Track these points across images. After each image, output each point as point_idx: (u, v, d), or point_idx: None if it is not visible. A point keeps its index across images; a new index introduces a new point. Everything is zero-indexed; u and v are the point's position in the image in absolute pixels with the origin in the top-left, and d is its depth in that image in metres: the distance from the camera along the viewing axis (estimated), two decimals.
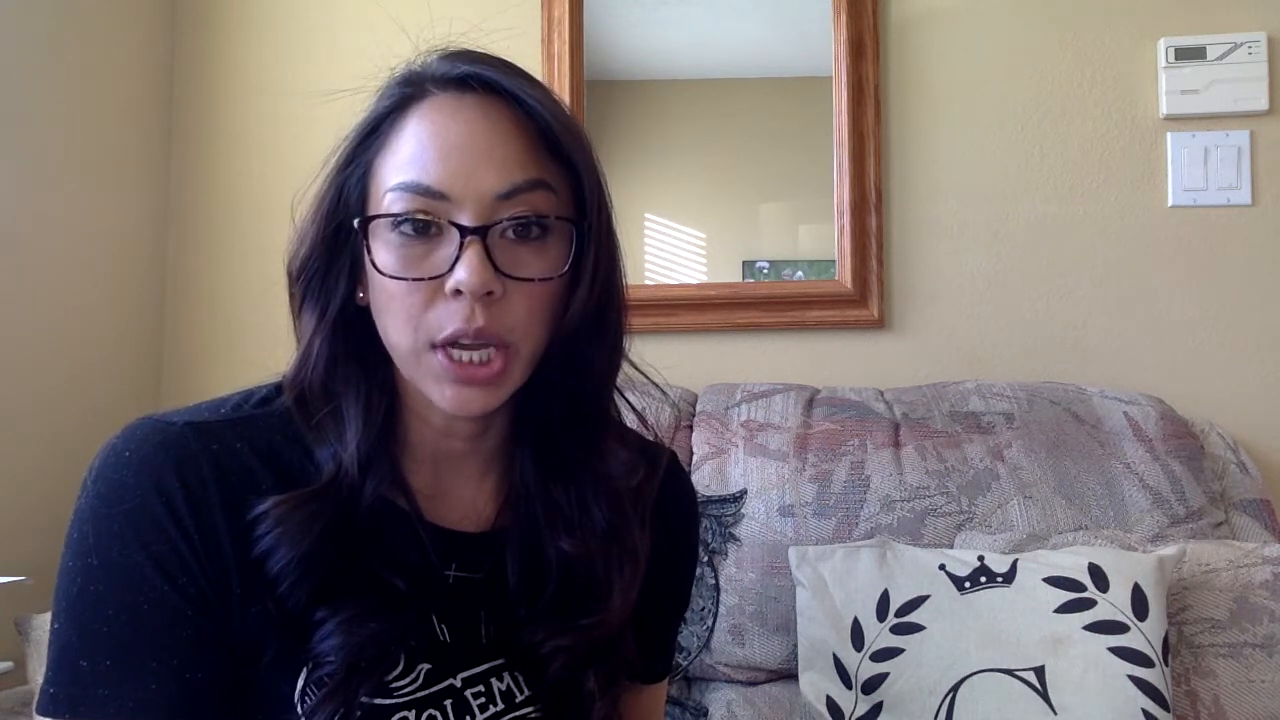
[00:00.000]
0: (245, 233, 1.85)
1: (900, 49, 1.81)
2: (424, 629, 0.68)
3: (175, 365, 1.86)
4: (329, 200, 0.68)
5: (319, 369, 0.67)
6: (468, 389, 0.64)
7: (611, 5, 1.84)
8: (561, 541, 0.70)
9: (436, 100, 0.66)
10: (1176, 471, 1.44)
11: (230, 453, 0.64)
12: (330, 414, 0.67)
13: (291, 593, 0.62)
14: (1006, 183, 1.78)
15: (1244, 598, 1.27)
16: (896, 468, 1.45)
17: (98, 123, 1.72)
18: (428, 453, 0.72)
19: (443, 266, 0.63)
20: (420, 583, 0.67)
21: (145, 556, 0.60)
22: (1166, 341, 1.73)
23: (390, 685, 0.65)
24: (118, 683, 0.60)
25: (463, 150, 0.64)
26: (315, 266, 0.68)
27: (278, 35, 1.89)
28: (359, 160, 0.68)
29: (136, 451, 0.63)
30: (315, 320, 0.68)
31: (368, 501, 0.65)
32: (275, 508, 0.62)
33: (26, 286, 1.54)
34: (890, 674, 1.22)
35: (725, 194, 1.88)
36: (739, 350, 1.80)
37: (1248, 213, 1.73)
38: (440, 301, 0.63)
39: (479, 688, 0.69)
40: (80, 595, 0.61)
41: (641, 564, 0.72)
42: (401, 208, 0.64)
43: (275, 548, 0.62)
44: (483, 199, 0.63)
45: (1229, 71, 1.72)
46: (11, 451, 1.49)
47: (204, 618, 0.62)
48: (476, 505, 0.74)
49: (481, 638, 0.70)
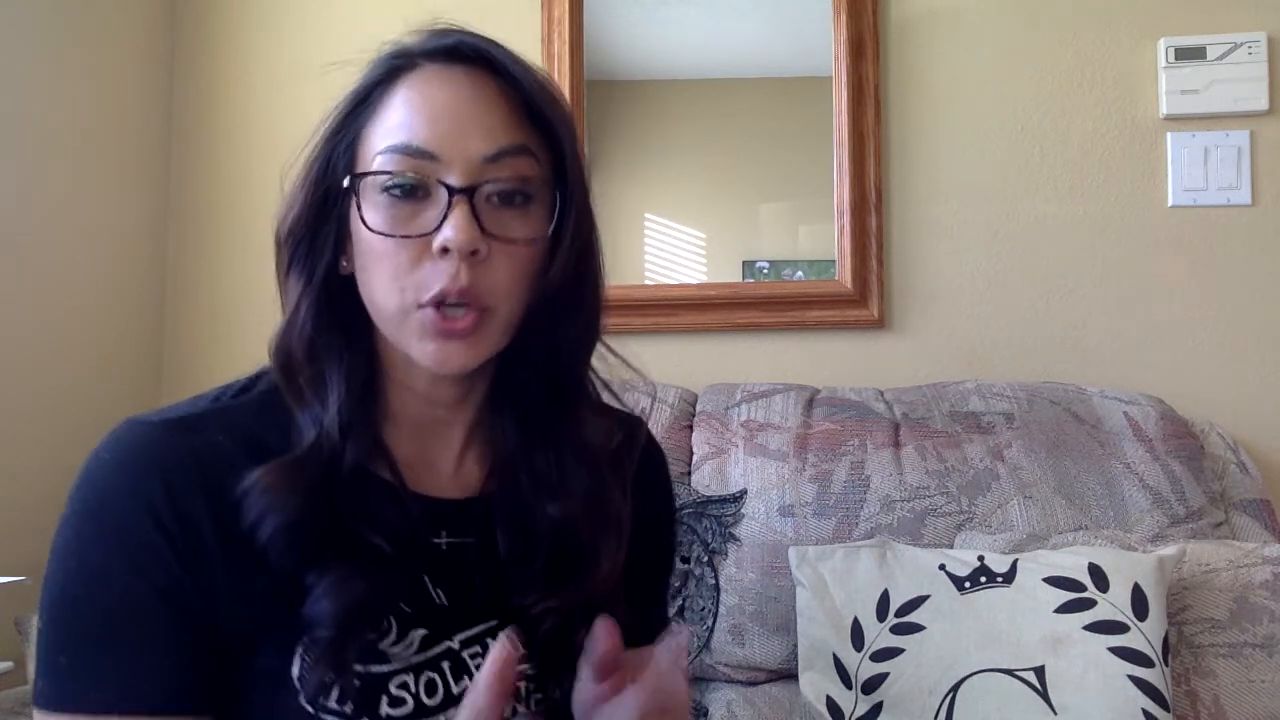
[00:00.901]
0: (245, 233, 1.84)
1: (900, 49, 1.81)
2: (419, 594, 0.69)
3: (175, 365, 1.86)
4: (318, 166, 0.69)
5: (305, 332, 0.68)
6: (449, 343, 0.65)
7: (611, 5, 1.84)
8: (548, 506, 0.72)
9: (425, 70, 0.68)
10: (1176, 471, 1.44)
11: (210, 444, 0.65)
12: (313, 379, 0.68)
13: (281, 561, 0.63)
14: (1006, 183, 1.78)
15: (1244, 598, 1.27)
16: (896, 468, 1.45)
17: (98, 123, 1.72)
18: (411, 422, 0.73)
19: (430, 225, 0.64)
20: (408, 548, 0.68)
21: (123, 557, 0.62)
22: (1166, 341, 1.73)
23: (386, 652, 0.66)
24: (96, 677, 0.61)
25: (451, 114, 0.66)
26: (302, 231, 0.69)
27: (278, 35, 1.89)
28: (348, 128, 0.69)
29: (115, 454, 0.64)
30: (302, 284, 0.69)
31: (349, 464, 0.66)
32: (261, 478, 0.64)
33: (26, 286, 1.54)
34: (890, 674, 1.22)
35: (725, 194, 1.88)
36: (739, 350, 1.80)
37: (1248, 213, 1.73)
38: (427, 260, 0.65)
39: (476, 648, 0.70)
40: (61, 595, 0.62)
41: (626, 529, 0.74)
42: (391, 168, 0.65)
43: (263, 516, 0.63)
44: (470, 161, 0.65)
45: (1229, 71, 1.72)
46: (11, 451, 1.49)
47: (184, 613, 0.63)
48: (462, 473, 0.75)
49: (476, 600, 0.71)
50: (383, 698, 0.65)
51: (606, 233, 0.75)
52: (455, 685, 0.68)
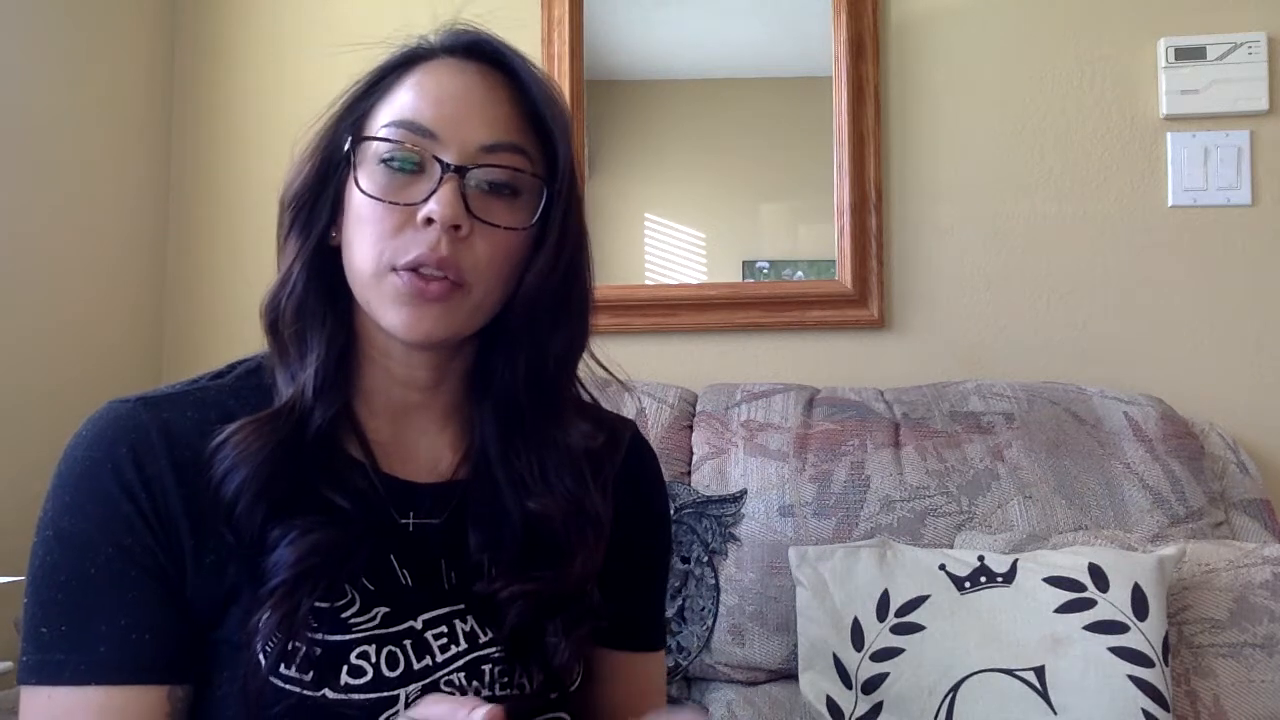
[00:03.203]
0: (245, 233, 1.84)
1: (900, 49, 1.81)
2: (384, 572, 0.70)
3: (175, 365, 1.85)
4: (326, 138, 0.72)
5: (295, 292, 0.71)
6: (419, 307, 0.67)
7: (611, 5, 1.84)
8: (526, 502, 0.73)
9: (440, 61, 0.72)
10: (1176, 471, 1.44)
11: (180, 419, 0.67)
12: (295, 336, 0.70)
13: (249, 514, 0.64)
14: (1006, 183, 1.78)
15: (1244, 598, 1.27)
16: (896, 468, 1.45)
17: (98, 123, 1.72)
18: (385, 403, 0.74)
19: (419, 197, 0.67)
20: (375, 523, 0.70)
21: (94, 524, 0.64)
22: (1166, 341, 1.73)
23: (348, 622, 0.67)
24: (71, 647, 0.62)
25: (457, 101, 0.69)
26: (305, 198, 0.72)
27: (278, 35, 1.89)
28: (359, 106, 0.72)
29: (92, 429, 0.67)
30: (298, 247, 0.72)
31: (318, 424, 0.68)
32: (234, 433, 0.66)
33: (26, 286, 1.54)
34: (890, 674, 1.22)
35: (725, 194, 1.88)
36: (739, 350, 1.80)
37: (1248, 213, 1.72)
38: (410, 229, 0.67)
39: (441, 629, 0.70)
40: (40, 566, 0.64)
41: (605, 529, 0.75)
42: (392, 138, 0.68)
43: (234, 467, 0.65)
44: (467, 145, 0.68)
45: (1229, 71, 1.72)
46: (10, 451, 1.49)
47: (154, 581, 0.64)
48: (434, 458, 0.76)
49: (444, 584, 0.72)
50: (343, 667, 0.65)
51: (606, 232, 0.77)
52: (417, 662, 0.68)
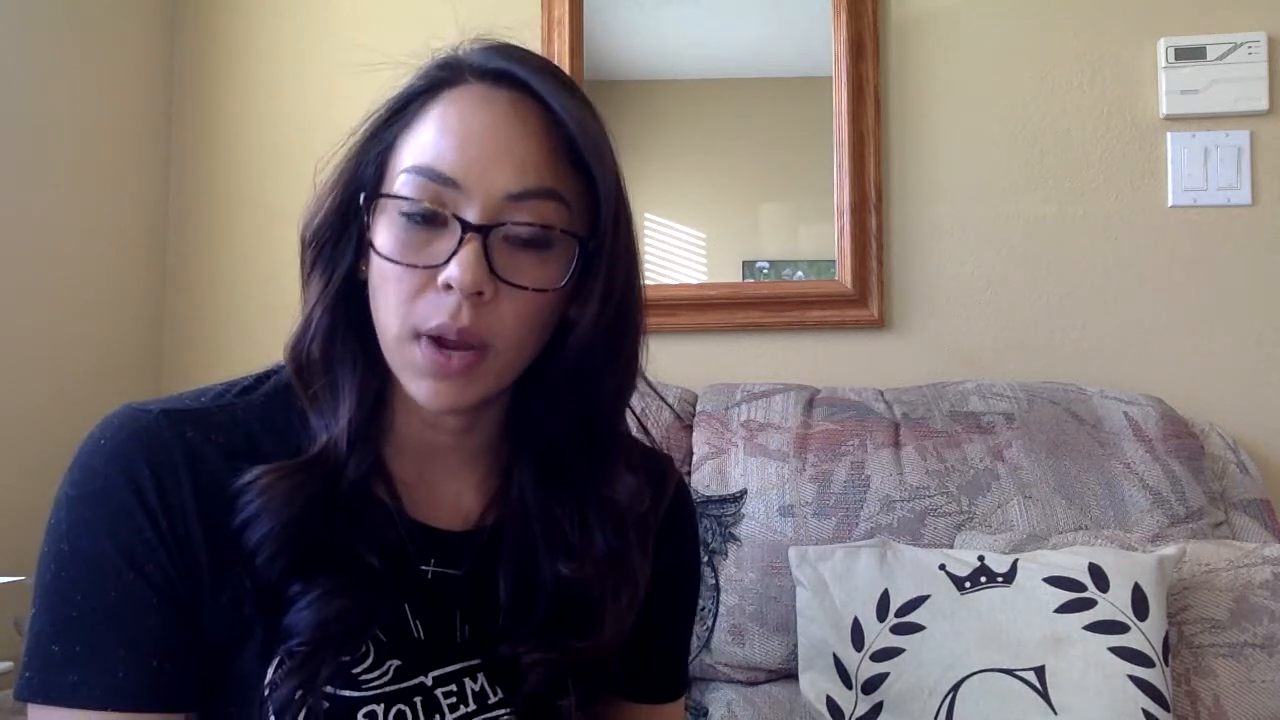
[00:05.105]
0: (245, 232, 1.84)
1: (900, 49, 1.81)
2: (398, 624, 0.67)
3: (175, 365, 1.85)
4: (348, 171, 0.68)
5: (318, 338, 0.67)
6: (441, 383, 0.64)
7: (611, 5, 1.84)
8: (560, 564, 0.69)
9: (468, 89, 0.66)
10: (1176, 471, 1.44)
11: (205, 440, 0.64)
12: (327, 386, 0.67)
13: (269, 565, 0.62)
14: (1006, 183, 1.78)
15: (1244, 598, 1.27)
16: (896, 468, 1.45)
17: (98, 123, 1.72)
18: (413, 444, 0.71)
19: (439, 257, 0.63)
20: (396, 572, 0.67)
21: (114, 545, 0.61)
22: (1166, 341, 1.73)
23: (359, 678, 0.64)
24: (86, 670, 0.60)
25: (482, 141, 0.63)
26: (327, 235, 0.68)
27: (280, 34, 1.89)
28: (382, 135, 0.68)
29: (111, 439, 0.64)
30: (320, 288, 0.68)
31: (350, 479, 0.65)
32: (262, 477, 0.63)
33: (26, 286, 1.54)
34: (890, 674, 1.22)
35: (725, 194, 1.88)
36: (739, 350, 1.80)
37: (1248, 213, 1.72)
38: (431, 291, 0.63)
39: (450, 686, 0.68)
40: (53, 582, 0.62)
41: (641, 591, 0.71)
42: (411, 192, 0.63)
43: (257, 516, 0.62)
44: (492, 195, 0.63)
45: (1229, 71, 1.71)
46: (11, 451, 1.49)
47: (173, 607, 0.62)
48: (461, 502, 0.73)
49: (456, 636, 0.69)
50: None
51: None
52: None
